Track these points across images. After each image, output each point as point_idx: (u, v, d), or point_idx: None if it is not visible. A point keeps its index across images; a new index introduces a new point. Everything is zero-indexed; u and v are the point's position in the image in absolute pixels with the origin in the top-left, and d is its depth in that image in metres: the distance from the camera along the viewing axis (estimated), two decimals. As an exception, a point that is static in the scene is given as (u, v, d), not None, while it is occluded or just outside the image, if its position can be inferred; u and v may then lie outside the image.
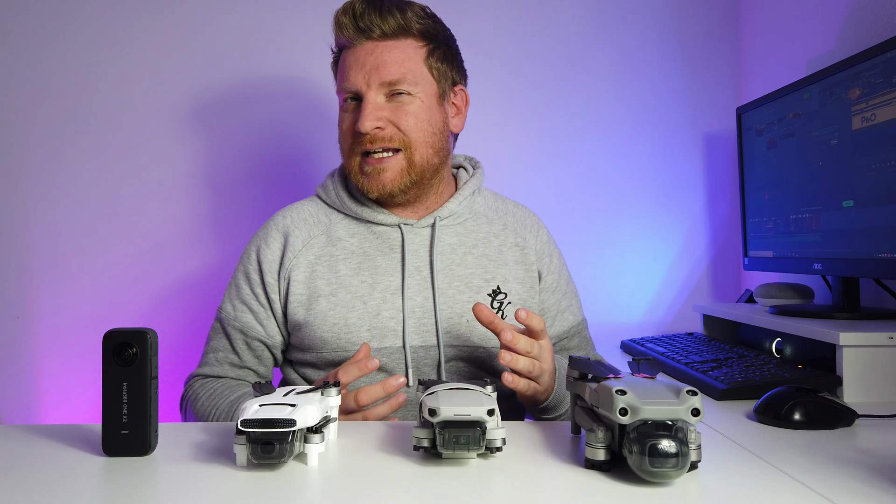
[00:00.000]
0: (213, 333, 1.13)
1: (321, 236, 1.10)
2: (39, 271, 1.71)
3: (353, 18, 1.03)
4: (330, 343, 1.04)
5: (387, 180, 1.04)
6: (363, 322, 1.04)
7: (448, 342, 1.06)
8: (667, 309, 1.87)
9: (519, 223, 1.16)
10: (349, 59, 1.05)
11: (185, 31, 1.74)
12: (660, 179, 1.86)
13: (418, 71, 1.05)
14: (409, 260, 1.07)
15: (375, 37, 1.03)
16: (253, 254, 1.11)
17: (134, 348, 0.68)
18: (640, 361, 0.72)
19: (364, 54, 1.04)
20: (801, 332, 1.14)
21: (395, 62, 1.03)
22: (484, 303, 1.07)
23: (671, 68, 1.86)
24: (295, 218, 1.12)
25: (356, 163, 1.06)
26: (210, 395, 1.04)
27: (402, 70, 1.03)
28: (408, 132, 1.04)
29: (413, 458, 0.69)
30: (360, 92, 1.04)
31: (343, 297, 1.04)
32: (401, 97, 1.04)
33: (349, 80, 1.04)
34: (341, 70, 1.07)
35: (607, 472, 0.64)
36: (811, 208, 1.34)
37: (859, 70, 1.20)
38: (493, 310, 1.07)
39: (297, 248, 1.09)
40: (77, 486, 0.61)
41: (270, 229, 1.12)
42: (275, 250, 1.09)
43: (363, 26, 1.03)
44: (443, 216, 1.10)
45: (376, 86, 1.03)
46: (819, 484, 0.62)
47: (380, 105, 1.04)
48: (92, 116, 1.72)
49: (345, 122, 1.07)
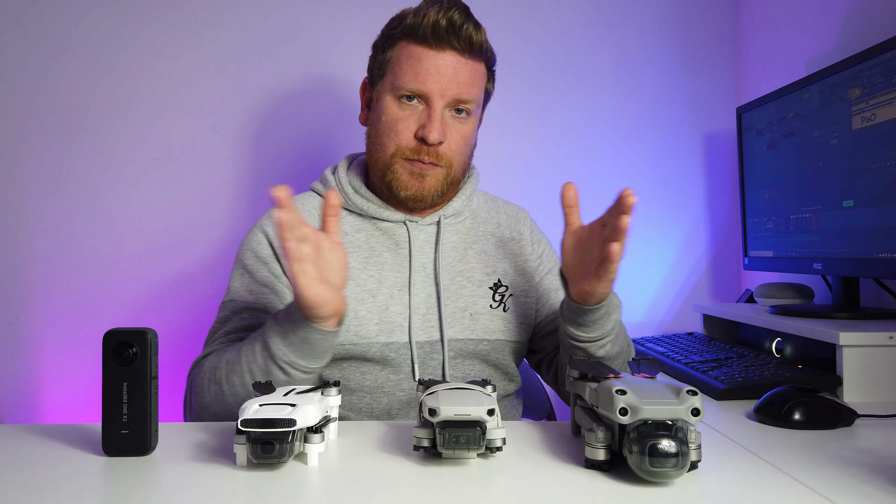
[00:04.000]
0: (217, 325, 1.05)
1: None
2: (39, 271, 1.71)
3: (451, 24, 1.01)
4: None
5: (427, 186, 1.05)
6: (373, 315, 1.03)
7: (452, 336, 1.06)
8: (667, 309, 1.87)
9: (511, 218, 1.19)
10: (427, 61, 1.02)
11: (185, 30, 1.74)
12: (660, 179, 1.86)
13: (481, 95, 1.08)
14: (415, 256, 1.08)
15: (460, 50, 1.03)
16: (261, 236, 1.07)
17: (134, 348, 0.68)
18: (640, 361, 0.72)
19: (446, 65, 1.02)
20: (801, 331, 1.15)
21: (472, 83, 1.04)
22: (486, 296, 1.09)
23: (671, 68, 1.86)
24: (300, 209, 1.10)
25: (400, 163, 1.04)
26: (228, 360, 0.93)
27: (475, 92, 1.05)
28: (456, 154, 1.06)
29: (413, 458, 0.69)
30: (429, 98, 1.02)
31: (352, 290, 1.04)
32: (460, 117, 1.05)
33: (424, 82, 1.02)
34: (413, 68, 1.02)
35: (607, 472, 0.64)
36: (811, 208, 1.34)
37: (859, 70, 1.20)
38: (495, 302, 1.09)
39: None
40: (77, 486, 0.61)
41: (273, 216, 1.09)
42: None
43: (457, 36, 1.01)
44: (447, 214, 1.11)
45: (449, 99, 1.03)
46: (819, 484, 0.62)
47: (444, 119, 1.04)
48: (92, 116, 1.72)
49: (401, 120, 1.04)
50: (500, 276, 1.11)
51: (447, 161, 1.05)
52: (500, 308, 1.10)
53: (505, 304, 1.10)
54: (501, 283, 1.11)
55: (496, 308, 1.09)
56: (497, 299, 1.09)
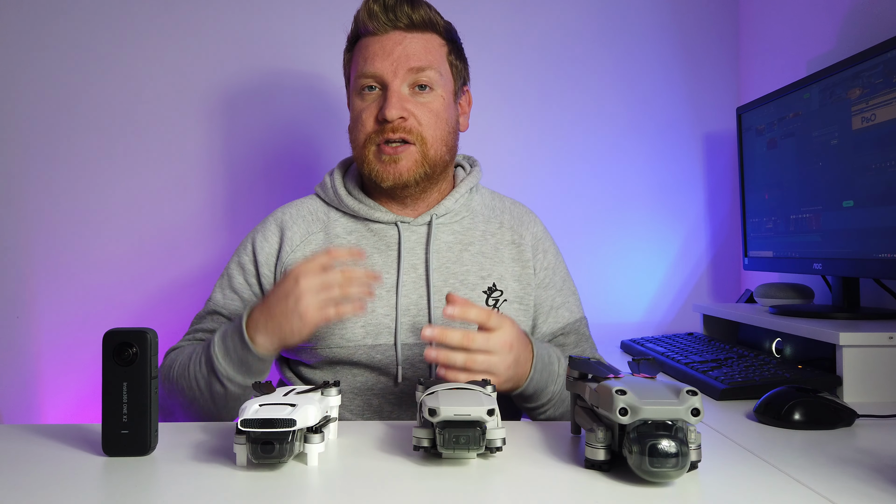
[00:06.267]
0: (195, 320, 1.12)
1: (319, 234, 1.10)
2: (39, 271, 1.71)
3: (384, 6, 1.04)
4: (324, 339, 1.04)
5: (403, 169, 1.04)
6: (358, 318, 1.04)
7: None
8: (667, 309, 1.87)
9: (515, 220, 1.16)
10: (373, 46, 1.05)
11: (184, 31, 1.74)
12: (660, 179, 1.86)
13: (442, 65, 1.07)
14: (404, 258, 1.07)
15: (403, 27, 1.04)
16: (249, 245, 1.12)
17: (134, 348, 0.68)
18: (640, 361, 0.72)
19: (392, 43, 1.04)
20: (800, 332, 1.14)
21: (422, 52, 1.04)
22: (479, 300, 1.07)
23: (671, 68, 1.86)
24: (294, 214, 1.13)
25: (371, 151, 1.05)
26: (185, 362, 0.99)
27: (429, 59, 1.05)
28: (427, 128, 1.05)
29: (413, 458, 0.69)
30: (384, 79, 1.03)
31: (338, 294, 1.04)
32: (423, 92, 1.05)
33: (375, 66, 1.04)
34: (363, 57, 1.06)
35: (607, 472, 0.64)
36: (811, 208, 1.34)
37: (859, 70, 1.20)
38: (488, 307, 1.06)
39: (295, 244, 1.09)
40: (77, 486, 0.61)
41: (269, 223, 1.13)
42: (272, 243, 1.10)
43: (393, 15, 1.04)
44: (439, 214, 1.10)
45: (403, 73, 1.03)
46: (819, 484, 0.62)
47: (405, 96, 1.04)
48: (92, 117, 1.72)
49: (363, 110, 1.06)
50: (496, 279, 1.09)
51: (417, 135, 1.04)
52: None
53: (499, 310, 1.08)
54: (496, 288, 1.09)
55: None
56: (491, 304, 1.08)
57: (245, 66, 1.76)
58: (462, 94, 1.14)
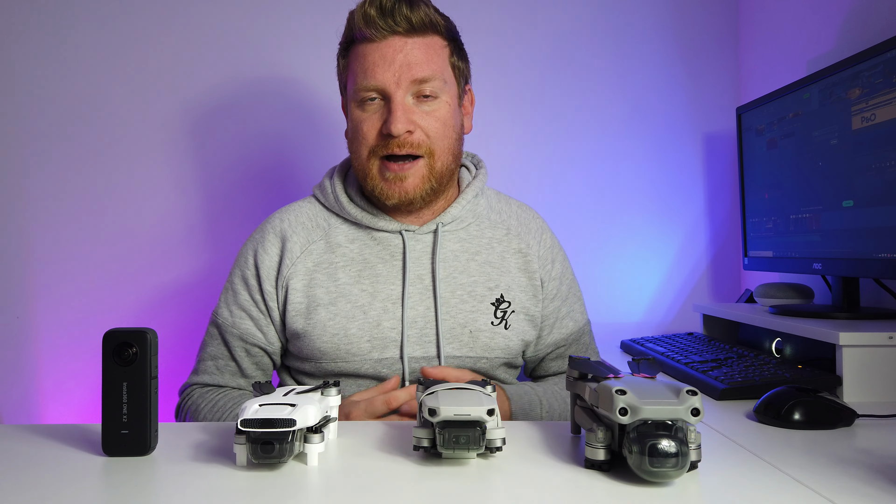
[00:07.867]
0: (209, 339, 1.08)
1: (320, 242, 1.06)
2: (39, 271, 1.71)
3: (381, 10, 0.97)
4: (329, 354, 1.01)
5: (409, 187, 1.00)
6: (363, 333, 1.01)
7: (450, 353, 1.02)
8: (667, 309, 1.87)
9: (523, 227, 1.12)
10: (372, 55, 0.98)
11: (182, 34, 1.74)
12: (660, 179, 1.86)
13: (446, 70, 1.02)
14: (410, 268, 1.03)
15: (402, 31, 0.98)
16: (250, 258, 1.07)
17: (134, 348, 0.68)
18: (640, 361, 0.72)
19: (392, 51, 0.97)
20: (800, 332, 1.14)
21: (425, 60, 0.98)
22: (487, 312, 1.05)
23: (671, 68, 1.86)
24: (293, 221, 1.08)
25: (375, 167, 1.01)
26: (212, 407, 1.01)
27: (433, 68, 0.99)
28: (434, 139, 1.00)
29: (413, 458, 0.69)
30: (387, 91, 0.98)
31: (343, 307, 1.01)
32: (428, 100, 1.00)
33: (376, 78, 0.98)
34: (362, 67, 0.99)
35: (607, 472, 0.64)
36: (811, 208, 1.34)
37: (859, 70, 1.20)
38: (497, 319, 1.05)
39: (296, 255, 1.05)
40: (77, 486, 0.61)
41: (267, 233, 1.08)
42: (272, 256, 1.06)
43: (392, 20, 0.97)
44: (445, 222, 1.06)
45: (406, 84, 0.98)
46: (819, 484, 0.62)
47: (409, 107, 0.99)
48: (91, 118, 1.72)
49: (366, 122, 1.00)
50: (504, 290, 1.06)
51: (426, 149, 1.00)
52: (502, 325, 1.05)
53: (506, 322, 1.05)
54: (504, 299, 1.06)
55: (497, 325, 1.05)
56: (499, 316, 1.05)
57: (245, 66, 1.76)
58: (464, 95, 1.09)
